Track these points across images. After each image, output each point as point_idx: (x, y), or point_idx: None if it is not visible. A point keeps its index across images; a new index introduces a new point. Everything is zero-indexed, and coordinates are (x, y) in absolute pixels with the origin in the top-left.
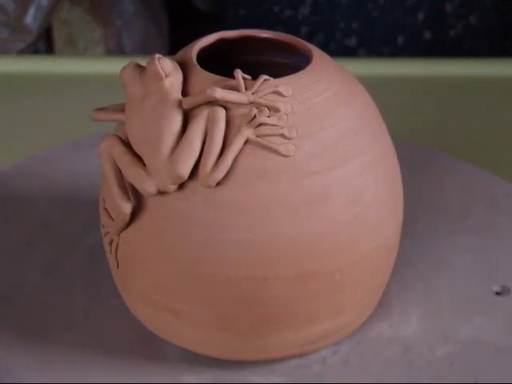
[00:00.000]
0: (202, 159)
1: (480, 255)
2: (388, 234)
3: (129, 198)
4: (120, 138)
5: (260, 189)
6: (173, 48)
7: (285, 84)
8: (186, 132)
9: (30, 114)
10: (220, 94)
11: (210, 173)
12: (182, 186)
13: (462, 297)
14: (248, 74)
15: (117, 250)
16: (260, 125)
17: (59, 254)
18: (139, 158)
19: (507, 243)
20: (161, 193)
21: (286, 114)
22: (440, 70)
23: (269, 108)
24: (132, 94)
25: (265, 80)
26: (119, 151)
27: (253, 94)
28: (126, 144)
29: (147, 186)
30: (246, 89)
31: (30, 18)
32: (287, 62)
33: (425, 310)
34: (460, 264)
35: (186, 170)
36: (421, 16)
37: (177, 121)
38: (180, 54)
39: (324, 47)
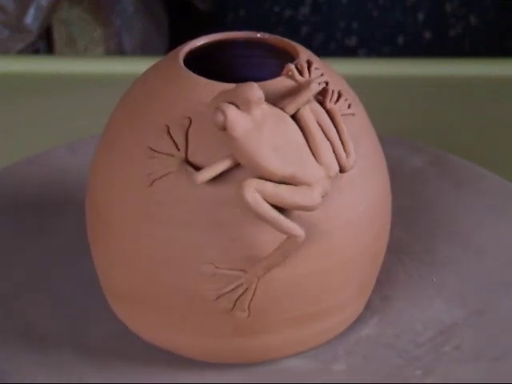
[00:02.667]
0: (335, 150)
1: None
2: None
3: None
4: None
5: (365, 151)
6: (173, 48)
7: (314, 60)
8: (310, 133)
9: (30, 113)
10: (317, 87)
11: (347, 158)
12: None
13: None
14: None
15: (253, 296)
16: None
17: (52, 255)
18: (287, 183)
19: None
20: None
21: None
22: (440, 70)
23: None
24: (243, 131)
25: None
26: (271, 187)
27: (310, 76)
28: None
29: (316, 199)
30: (302, 75)
31: (30, 18)
32: (274, 62)
33: None
34: None
35: (336, 164)
36: (421, 16)
37: (298, 128)
38: (167, 58)
39: (324, 47)
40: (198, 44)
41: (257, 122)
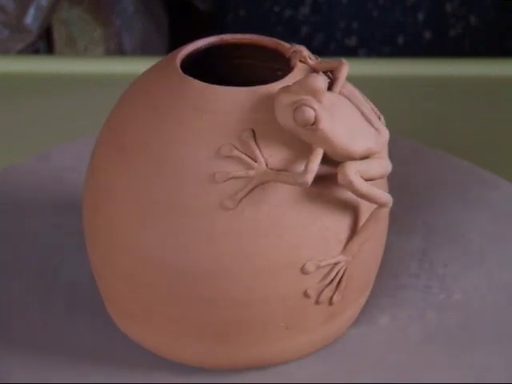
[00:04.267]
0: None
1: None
2: None
3: None
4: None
5: None
6: (173, 48)
7: None
8: (357, 106)
9: (30, 113)
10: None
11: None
12: None
13: None
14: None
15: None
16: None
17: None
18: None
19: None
20: None
21: None
22: (440, 70)
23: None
24: (327, 120)
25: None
26: (362, 165)
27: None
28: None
29: (390, 164)
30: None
31: (30, 18)
32: (273, 65)
33: None
34: None
35: (385, 128)
36: (421, 16)
37: (352, 104)
38: (163, 61)
39: (324, 47)
40: (193, 48)
41: (328, 109)
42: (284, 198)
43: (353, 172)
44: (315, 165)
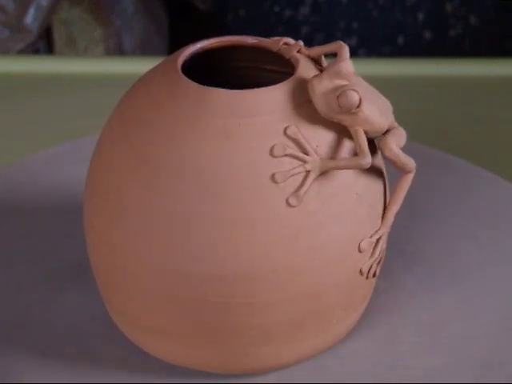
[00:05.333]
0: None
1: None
2: None
3: None
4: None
5: None
6: (173, 48)
7: None
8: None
9: (30, 113)
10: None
11: None
12: None
13: None
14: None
15: None
16: None
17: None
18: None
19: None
20: None
21: None
22: (440, 70)
23: None
24: (366, 101)
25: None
26: (394, 137)
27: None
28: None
29: (405, 133)
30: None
31: (30, 18)
32: (274, 68)
33: None
34: None
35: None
36: (421, 16)
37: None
38: (163, 63)
39: None
40: (192, 51)
41: (361, 92)
42: (334, 186)
43: (394, 144)
44: (364, 143)
